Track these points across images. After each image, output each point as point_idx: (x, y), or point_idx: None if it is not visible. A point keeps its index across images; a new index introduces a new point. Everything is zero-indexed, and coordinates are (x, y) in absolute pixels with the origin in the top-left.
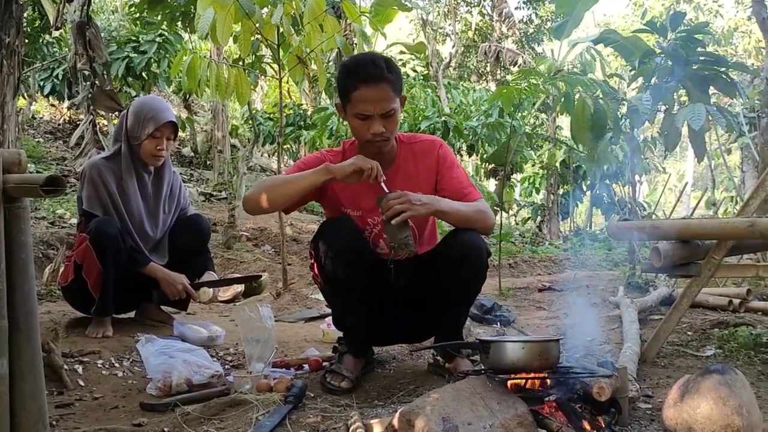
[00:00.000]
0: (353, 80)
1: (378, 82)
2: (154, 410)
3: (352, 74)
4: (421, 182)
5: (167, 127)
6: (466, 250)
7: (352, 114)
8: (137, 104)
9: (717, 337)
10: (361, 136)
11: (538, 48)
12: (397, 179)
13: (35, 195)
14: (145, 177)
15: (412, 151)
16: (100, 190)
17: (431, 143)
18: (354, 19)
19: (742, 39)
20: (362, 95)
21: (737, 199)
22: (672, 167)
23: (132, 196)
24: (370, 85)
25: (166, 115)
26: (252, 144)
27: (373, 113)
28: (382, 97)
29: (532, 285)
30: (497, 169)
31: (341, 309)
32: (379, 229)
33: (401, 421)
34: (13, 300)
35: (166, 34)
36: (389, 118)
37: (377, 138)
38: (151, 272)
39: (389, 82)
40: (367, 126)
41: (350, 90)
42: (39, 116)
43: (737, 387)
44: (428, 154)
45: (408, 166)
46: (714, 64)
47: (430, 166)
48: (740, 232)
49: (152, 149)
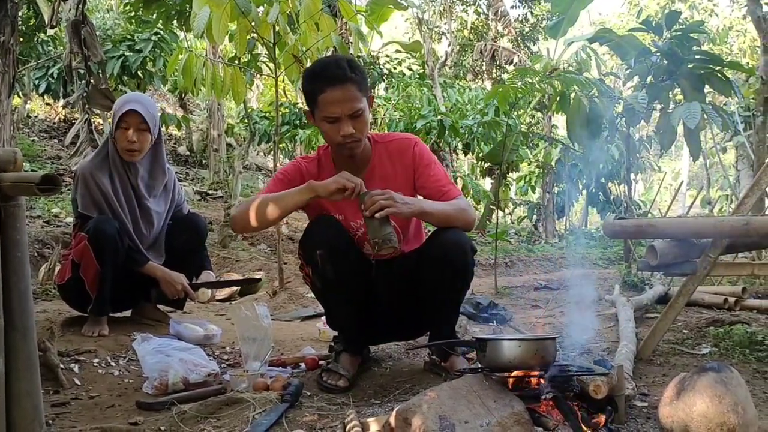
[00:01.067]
0: (318, 83)
1: (343, 82)
2: (150, 409)
3: (316, 77)
4: (398, 182)
5: (131, 116)
6: (449, 248)
7: (321, 118)
8: (120, 99)
9: (712, 335)
10: (331, 139)
11: (533, 47)
12: (374, 180)
13: (31, 193)
14: (137, 175)
15: (387, 151)
16: (94, 191)
17: (406, 141)
18: (350, 17)
19: (738, 38)
20: (328, 97)
21: (732, 197)
22: (667, 166)
23: (124, 194)
24: (335, 87)
25: (129, 105)
26: (248, 143)
27: (341, 114)
28: (347, 97)
29: (528, 283)
30: (493, 168)
31: (332, 308)
32: (362, 232)
33: (398, 420)
34: (8, 299)
35: (162, 33)
36: (358, 119)
37: (348, 140)
38: (151, 271)
39: (354, 82)
40: (337, 128)
41: (316, 93)
42: (34, 115)
43: (733, 385)
44: (404, 153)
45: (384, 166)
46: (709, 63)
47: (407, 164)
48: (736, 230)
49: (122, 141)
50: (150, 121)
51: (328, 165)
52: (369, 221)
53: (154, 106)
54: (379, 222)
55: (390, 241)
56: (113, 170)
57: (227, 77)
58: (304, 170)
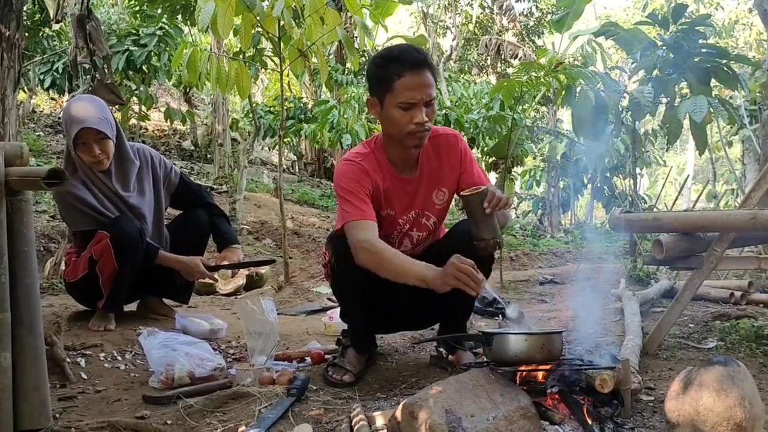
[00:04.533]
0: (396, 67)
1: (423, 67)
2: (156, 403)
3: (394, 61)
4: (444, 178)
5: (87, 133)
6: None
7: (395, 104)
8: (63, 111)
9: (719, 329)
10: (402, 128)
11: (538, 41)
12: (423, 177)
13: (37, 188)
14: (110, 175)
15: (433, 146)
16: (77, 206)
17: (453, 138)
18: (355, 11)
19: (744, 31)
20: (408, 82)
21: (738, 191)
22: (673, 160)
23: (107, 197)
24: (415, 71)
25: (78, 125)
26: (252, 137)
27: (420, 100)
28: (427, 82)
29: (534, 278)
30: (498, 162)
31: (351, 310)
32: (407, 228)
33: (404, 414)
34: (15, 293)
35: (167, 27)
36: (431, 107)
37: (419, 128)
38: (167, 261)
39: (431, 69)
40: (411, 116)
41: (392, 78)
42: (39, 110)
43: (739, 379)
44: (451, 150)
45: (431, 162)
46: (715, 57)
47: (454, 162)
48: (742, 224)
49: (87, 158)
50: (106, 129)
51: (384, 160)
52: (488, 220)
53: (103, 106)
54: (494, 219)
55: (501, 239)
56: (85, 178)
57: (232, 72)
58: (370, 171)
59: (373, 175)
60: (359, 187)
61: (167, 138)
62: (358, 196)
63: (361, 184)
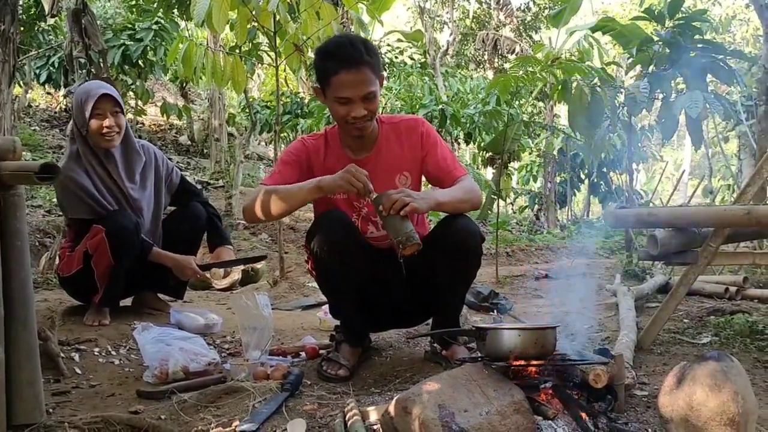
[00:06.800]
0: (332, 64)
1: (358, 66)
2: (150, 398)
3: (330, 57)
4: (405, 161)
5: (106, 101)
6: (461, 236)
7: (332, 98)
8: (74, 95)
9: (713, 324)
10: (341, 118)
11: (535, 36)
12: (380, 160)
13: (30, 182)
14: (114, 164)
15: (394, 131)
16: (76, 193)
17: (414, 121)
18: (351, 6)
19: (740, 27)
20: (342, 79)
21: (734, 187)
22: (669, 155)
23: (106, 188)
24: (350, 70)
25: (100, 90)
26: (249, 132)
27: (354, 97)
28: (362, 80)
29: (530, 273)
30: (494, 158)
31: (337, 301)
32: (366, 212)
33: (398, 409)
34: (9, 288)
35: (163, 22)
36: (370, 101)
37: (356, 121)
38: (159, 258)
39: (369, 65)
40: (348, 109)
41: (329, 74)
42: (35, 104)
43: (733, 374)
44: (411, 133)
45: (391, 146)
46: (712, 52)
47: (414, 144)
48: (737, 219)
49: (98, 128)
50: (121, 103)
51: (335, 143)
52: (390, 222)
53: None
54: (399, 221)
55: (413, 239)
56: (88, 167)
57: (228, 66)
58: (310, 147)
59: (312, 154)
60: (293, 158)
61: (164, 133)
62: (288, 164)
63: (293, 158)
